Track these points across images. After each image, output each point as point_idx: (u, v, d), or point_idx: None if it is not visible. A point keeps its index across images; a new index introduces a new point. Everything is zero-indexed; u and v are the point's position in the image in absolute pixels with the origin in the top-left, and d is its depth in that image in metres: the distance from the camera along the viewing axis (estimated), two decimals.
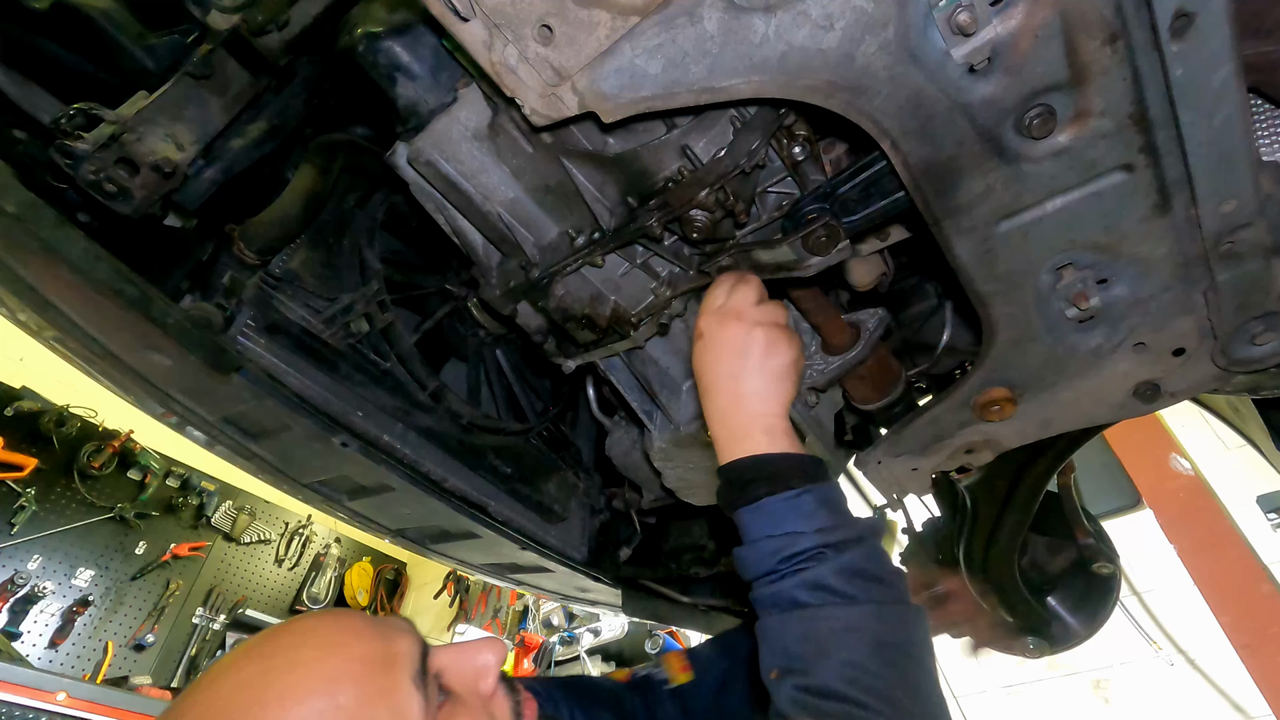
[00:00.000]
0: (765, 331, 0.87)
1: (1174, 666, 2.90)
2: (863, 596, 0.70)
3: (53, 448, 4.04)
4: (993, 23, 0.58)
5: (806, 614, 0.70)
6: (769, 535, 0.75)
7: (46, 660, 3.81)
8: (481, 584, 5.74)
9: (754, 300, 0.90)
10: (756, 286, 0.91)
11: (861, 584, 0.71)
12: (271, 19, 1.02)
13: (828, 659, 0.67)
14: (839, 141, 0.90)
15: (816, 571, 0.71)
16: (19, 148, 1.03)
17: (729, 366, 0.86)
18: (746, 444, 0.82)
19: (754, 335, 0.86)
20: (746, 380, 0.85)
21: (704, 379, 0.89)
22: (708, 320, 0.89)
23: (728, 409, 0.86)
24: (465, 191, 0.97)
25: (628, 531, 1.80)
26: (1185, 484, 2.88)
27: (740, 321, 0.87)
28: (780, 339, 0.88)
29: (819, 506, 0.75)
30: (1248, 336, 0.77)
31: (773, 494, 0.77)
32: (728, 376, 0.86)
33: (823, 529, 0.73)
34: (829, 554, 0.72)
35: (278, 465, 1.29)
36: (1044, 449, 1.15)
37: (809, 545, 0.72)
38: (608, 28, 0.65)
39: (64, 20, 1.03)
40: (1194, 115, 0.60)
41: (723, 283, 0.92)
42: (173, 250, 1.15)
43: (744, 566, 0.77)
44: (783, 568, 0.73)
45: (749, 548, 0.77)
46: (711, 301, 0.91)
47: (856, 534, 0.75)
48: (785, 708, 0.66)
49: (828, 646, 0.67)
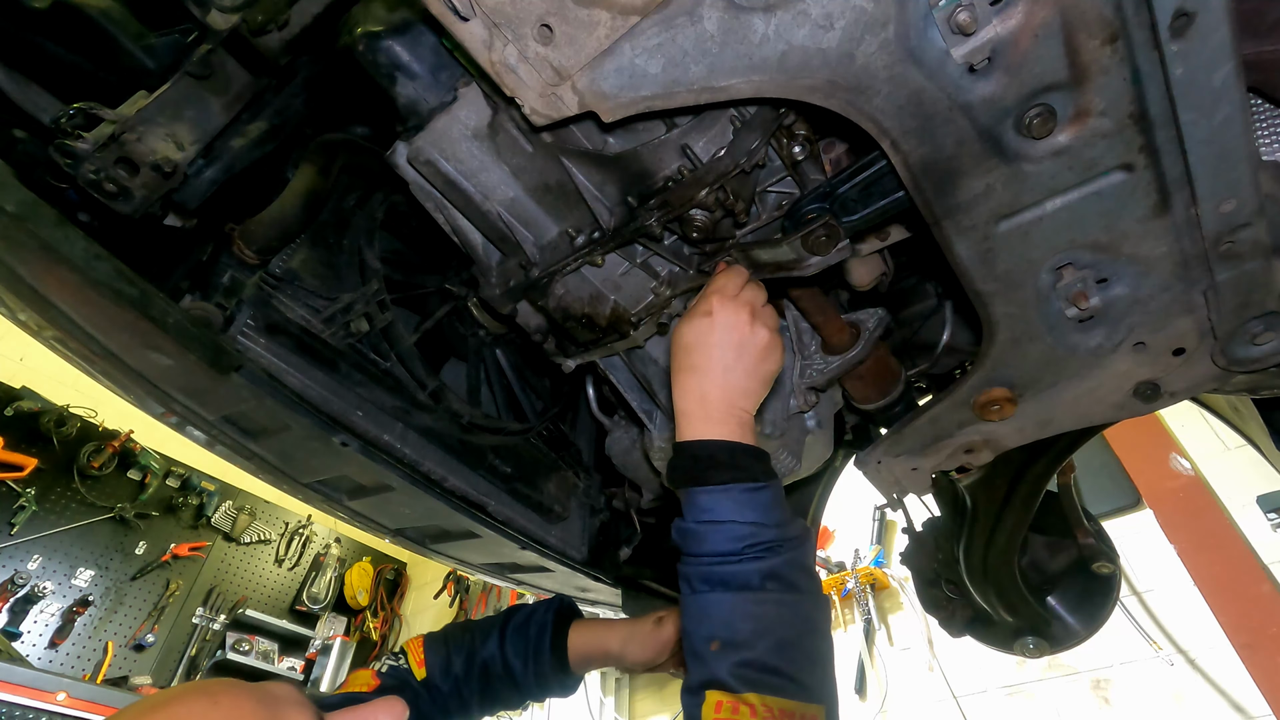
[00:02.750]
0: (769, 336, 0.90)
1: (1174, 666, 2.89)
2: (804, 588, 0.80)
3: (53, 448, 4.05)
4: (992, 22, 0.58)
5: (757, 597, 0.77)
6: (734, 520, 0.80)
7: (46, 660, 3.82)
8: (481, 584, 5.74)
9: (764, 300, 0.93)
10: (764, 290, 0.95)
11: (804, 578, 0.81)
12: (271, 19, 1.02)
13: (768, 638, 0.74)
14: (839, 141, 0.90)
15: (772, 562, 0.78)
16: (19, 148, 1.03)
17: (726, 354, 0.88)
18: (720, 429, 0.85)
19: (759, 335, 0.89)
20: (738, 373, 0.88)
21: (693, 353, 0.90)
22: (721, 303, 0.89)
23: (710, 389, 0.88)
24: (465, 191, 0.97)
25: (628, 531, 1.79)
26: (1185, 484, 2.88)
27: (753, 317, 0.89)
28: (777, 348, 0.92)
29: (775, 502, 0.83)
30: (1248, 336, 0.77)
31: (739, 482, 0.82)
32: (721, 363, 0.88)
33: (779, 524, 0.81)
34: (784, 547, 0.79)
35: (278, 465, 1.28)
36: (1044, 449, 1.15)
37: (771, 537, 0.79)
38: (608, 27, 0.65)
39: (64, 20, 1.03)
40: (1194, 114, 0.60)
41: (736, 273, 0.94)
42: (173, 250, 1.15)
43: (694, 537, 0.82)
44: (745, 553, 0.78)
45: (708, 527, 0.81)
46: (727, 286, 0.92)
47: (800, 533, 0.83)
48: (725, 677, 0.72)
49: (771, 627, 0.75)
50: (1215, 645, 2.78)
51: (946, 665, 3.40)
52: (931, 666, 3.46)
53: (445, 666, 1.09)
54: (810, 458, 1.22)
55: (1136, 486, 3.13)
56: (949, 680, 3.35)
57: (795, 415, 1.15)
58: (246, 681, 0.66)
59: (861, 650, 3.75)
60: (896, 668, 3.65)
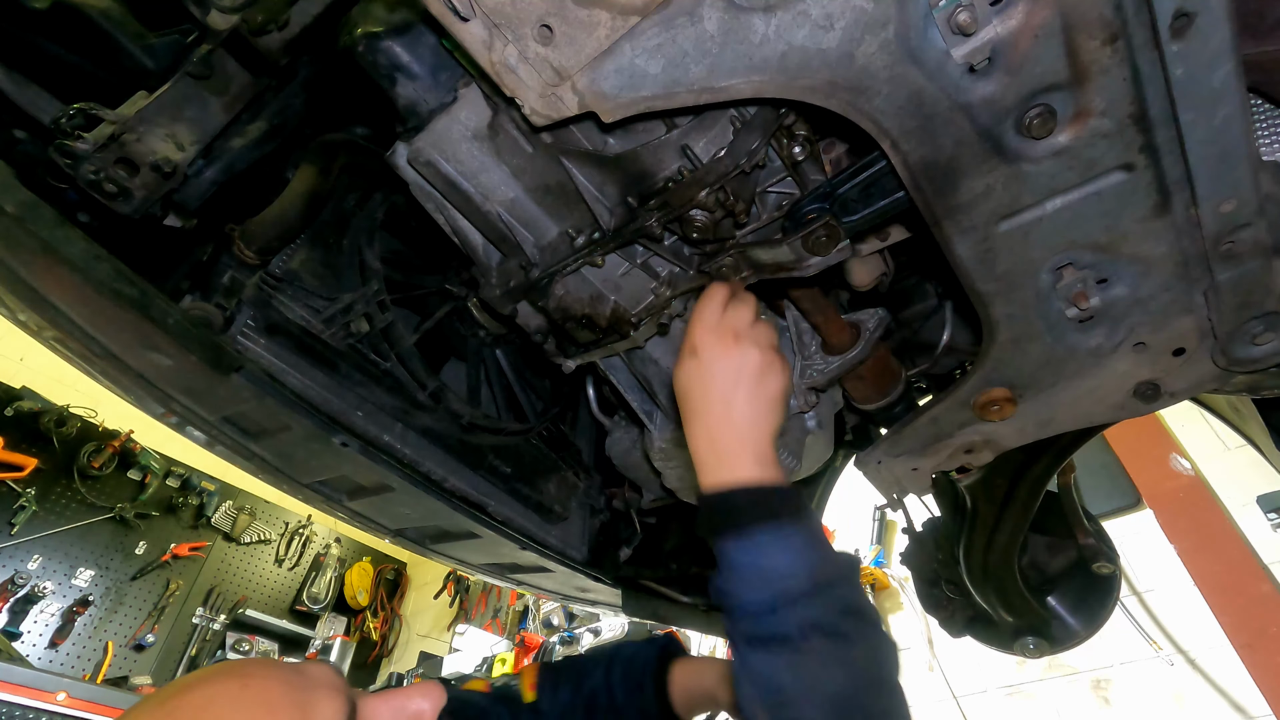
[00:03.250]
0: (762, 355, 0.85)
1: (1174, 666, 2.90)
2: (853, 633, 0.71)
3: (53, 448, 4.05)
4: (992, 22, 0.58)
5: (799, 649, 0.70)
6: (761, 570, 0.74)
7: (46, 660, 3.82)
8: (481, 584, 5.74)
9: (750, 319, 0.88)
10: (753, 304, 0.90)
11: (851, 622, 0.72)
12: (271, 19, 1.02)
13: (818, 694, 0.68)
14: (839, 141, 0.90)
15: (809, 610, 0.71)
16: (19, 148, 1.03)
17: (722, 389, 0.83)
18: (737, 470, 0.80)
19: (750, 358, 0.84)
20: (738, 404, 0.83)
21: (691, 397, 0.86)
22: (703, 336, 0.86)
23: (717, 431, 0.83)
24: (465, 191, 0.97)
25: (628, 531, 1.80)
26: (1185, 484, 2.88)
27: (738, 342, 0.85)
28: (775, 365, 0.86)
29: (808, 544, 0.75)
30: (1248, 336, 0.77)
31: (764, 528, 0.75)
32: (720, 399, 0.83)
33: (814, 567, 0.73)
34: (821, 592, 0.72)
35: (278, 465, 1.28)
36: (1044, 449, 1.15)
37: (804, 587, 0.72)
38: (608, 28, 0.65)
39: (64, 20, 1.03)
40: (1194, 115, 0.60)
41: (716, 294, 0.89)
42: (173, 250, 1.15)
43: (729, 596, 0.76)
44: (777, 604, 0.72)
45: (738, 579, 0.75)
46: (706, 315, 0.88)
47: (841, 571, 0.76)
48: None
49: (819, 682, 0.68)
50: (1215, 645, 2.78)
51: (946, 665, 3.40)
52: (931, 666, 3.46)
53: (553, 694, 1.09)
54: (810, 458, 1.22)
55: (1136, 486, 3.13)
56: (949, 680, 3.35)
57: (795, 415, 1.15)
58: (282, 662, 0.65)
59: None
60: None
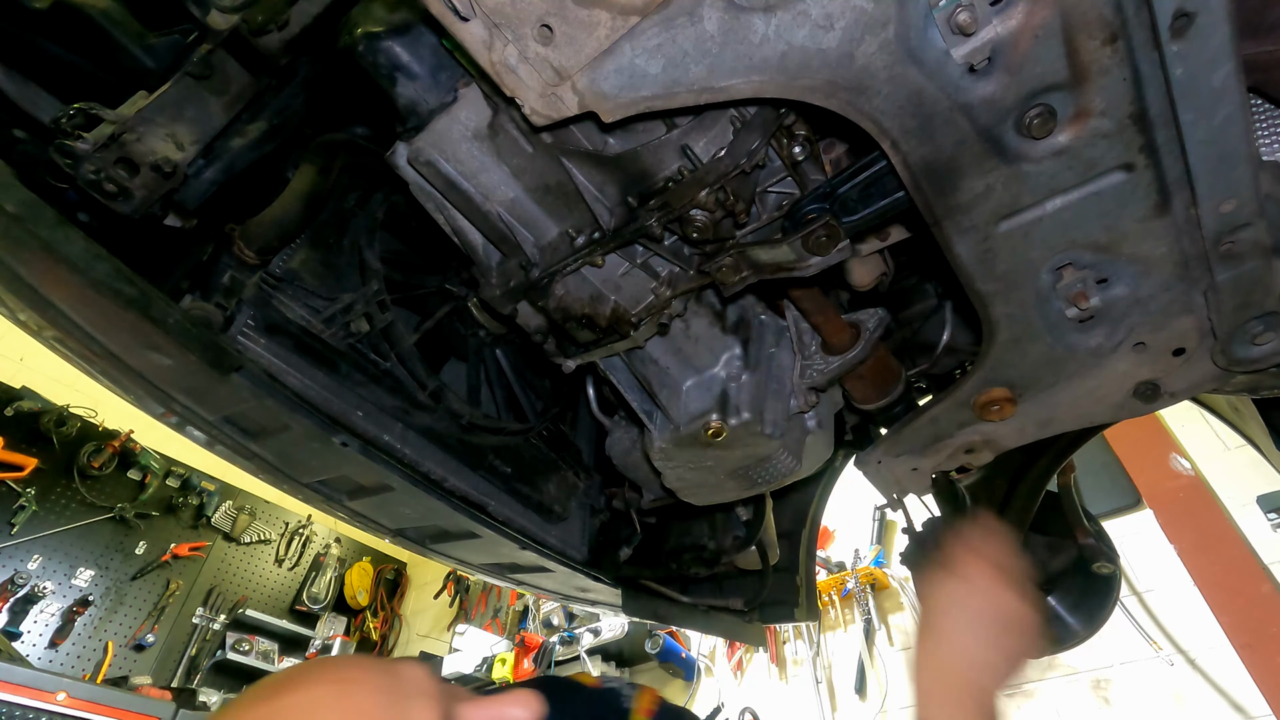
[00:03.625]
0: (1019, 607, 0.88)
1: (1174, 666, 2.90)
2: None
3: (53, 448, 4.05)
4: (992, 23, 0.58)
5: None
6: None
7: (46, 660, 3.82)
8: (481, 584, 5.74)
9: (1013, 564, 0.91)
10: (1013, 549, 0.94)
11: None
12: (271, 19, 1.02)
13: None
14: (839, 141, 0.90)
15: None
16: (19, 148, 1.03)
17: (974, 622, 0.85)
18: (955, 711, 0.81)
19: (1008, 603, 0.87)
20: (979, 644, 0.84)
21: (940, 616, 0.87)
22: (987, 570, 0.88)
23: (949, 664, 0.84)
24: (465, 191, 0.97)
25: (628, 531, 1.79)
26: (1185, 484, 2.88)
27: (1018, 599, 0.87)
28: (1028, 622, 0.88)
29: None
30: (1248, 336, 0.77)
31: None
32: (969, 632, 0.85)
33: None
34: None
35: (278, 465, 1.28)
36: (1044, 449, 1.15)
37: None
38: (608, 28, 0.65)
39: (64, 20, 1.03)
40: (1194, 115, 0.60)
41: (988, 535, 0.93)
42: (173, 250, 1.15)
43: None
44: None
45: None
46: (992, 552, 0.91)
47: None
48: None
49: None
50: (1215, 645, 2.78)
51: None
52: None
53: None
54: (810, 458, 1.22)
55: (1136, 486, 3.13)
56: None
57: (795, 415, 1.15)
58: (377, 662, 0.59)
59: (861, 650, 3.76)
60: (897, 668, 3.66)
